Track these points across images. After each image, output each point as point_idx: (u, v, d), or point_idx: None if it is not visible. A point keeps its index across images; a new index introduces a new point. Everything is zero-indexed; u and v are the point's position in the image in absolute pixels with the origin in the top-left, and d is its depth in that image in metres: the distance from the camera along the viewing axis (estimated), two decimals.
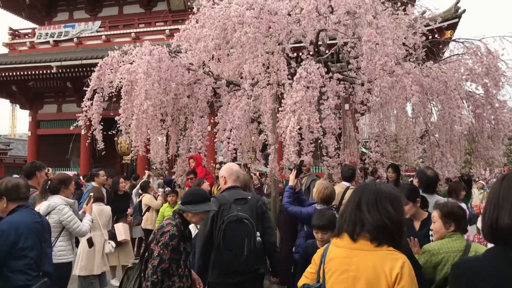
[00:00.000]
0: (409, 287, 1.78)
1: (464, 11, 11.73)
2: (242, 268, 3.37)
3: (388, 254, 1.83)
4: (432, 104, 6.61)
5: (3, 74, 17.68)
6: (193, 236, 3.62)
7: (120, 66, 6.53)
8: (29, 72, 17.28)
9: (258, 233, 3.46)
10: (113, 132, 7.03)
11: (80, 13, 20.60)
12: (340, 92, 5.85)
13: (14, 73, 17.46)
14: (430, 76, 6.24)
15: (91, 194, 5.25)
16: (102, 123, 6.75)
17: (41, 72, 17.08)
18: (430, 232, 3.35)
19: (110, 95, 6.60)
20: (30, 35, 20.25)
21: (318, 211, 3.85)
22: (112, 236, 7.09)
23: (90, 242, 5.37)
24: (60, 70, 16.69)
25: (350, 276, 1.86)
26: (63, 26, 19.72)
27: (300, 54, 6.13)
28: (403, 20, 6.42)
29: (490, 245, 1.61)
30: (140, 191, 8.95)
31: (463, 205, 4.60)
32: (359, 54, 6.09)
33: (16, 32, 20.43)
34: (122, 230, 7.14)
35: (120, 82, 6.36)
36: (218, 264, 3.42)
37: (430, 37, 6.91)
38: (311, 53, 6.08)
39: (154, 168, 8.05)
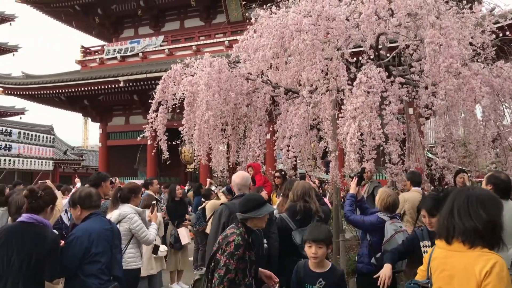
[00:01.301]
0: (496, 285, 1.83)
1: None
2: None
3: (481, 256, 1.91)
4: (504, 106, 6.21)
5: (76, 90, 18.93)
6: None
7: (182, 79, 6.76)
8: (99, 87, 18.36)
9: (265, 240, 3.54)
10: (177, 142, 7.27)
11: (145, 29, 21.65)
12: (403, 96, 5.66)
13: (86, 88, 18.65)
14: (501, 76, 5.87)
15: (154, 202, 5.43)
16: (166, 134, 7.01)
17: (109, 86, 18.09)
18: None
19: (174, 106, 6.85)
20: (99, 52, 21.55)
21: (313, 225, 3.59)
22: (175, 240, 7.34)
23: (156, 249, 5.56)
24: (127, 84, 17.57)
25: (446, 275, 2.03)
26: (129, 42, 20.80)
27: (360, 58, 6.02)
28: (469, 19, 6.11)
29: None
30: (202, 199, 9.18)
31: None
32: (422, 56, 5.87)
33: (87, 50, 21.84)
34: (185, 234, 7.43)
35: (183, 94, 6.58)
36: None
37: (500, 35, 6.51)
38: (371, 57, 5.94)
39: (216, 176, 8.21)
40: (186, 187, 14.68)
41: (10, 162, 18.77)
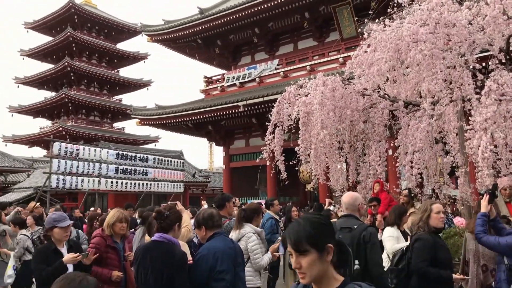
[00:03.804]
0: None
1: None
2: None
3: None
4: None
5: (201, 117, 20.39)
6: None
7: (296, 100, 6.86)
8: (221, 113, 19.53)
9: (356, 261, 3.50)
10: (294, 162, 7.36)
11: (260, 54, 22.59)
12: None
13: (210, 115, 19.98)
14: None
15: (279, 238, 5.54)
16: (284, 154, 7.14)
17: (230, 111, 19.14)
18: None
19: (289, 127, 6.96)
20: (220, 80, 23.01)
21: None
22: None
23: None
24: (246, 108, 18.40)
25: None
26: (247, 69, 21.84)
27: (489, 64, 5.51)
28: None
29: None
30: None
31: None
32: None
33: (209, 79, 23.47)
34: None
35: (297, 114, 6.66)
36: None
37: None
38: (502, 61, 5.40)
39: (336, 195, 8.10)
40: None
41: (147, 185, 20.75)
